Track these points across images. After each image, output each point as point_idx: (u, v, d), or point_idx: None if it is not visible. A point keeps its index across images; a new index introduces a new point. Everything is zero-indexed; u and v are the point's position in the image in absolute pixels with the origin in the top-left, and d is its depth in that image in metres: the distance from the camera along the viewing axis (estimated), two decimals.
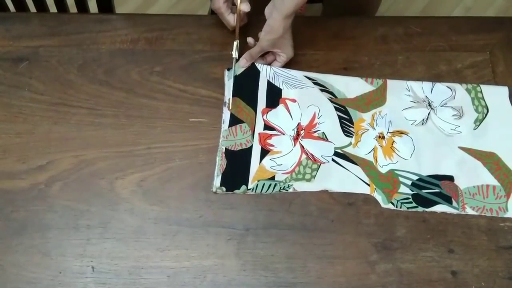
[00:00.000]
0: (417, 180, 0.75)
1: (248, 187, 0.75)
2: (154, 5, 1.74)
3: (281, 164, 0.76)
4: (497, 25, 0.90)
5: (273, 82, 0.82)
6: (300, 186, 0.75)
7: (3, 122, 0.80)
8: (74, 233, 0.72)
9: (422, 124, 0.79)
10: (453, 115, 0.80)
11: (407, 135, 0.79)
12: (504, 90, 0.82)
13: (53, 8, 1.10)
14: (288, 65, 0.84)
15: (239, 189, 0.75)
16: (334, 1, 1.15)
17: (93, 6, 1.10)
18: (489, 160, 0.76)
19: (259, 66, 0.83)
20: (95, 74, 0.84)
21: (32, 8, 1.08)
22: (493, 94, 0.82)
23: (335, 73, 0.84)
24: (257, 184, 0.75)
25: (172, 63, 0.85)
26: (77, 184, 0.75)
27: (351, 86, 0.83)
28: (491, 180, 0.75)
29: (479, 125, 0.79)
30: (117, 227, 0.73)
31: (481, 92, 0.82)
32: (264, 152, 0.77)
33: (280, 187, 0.75)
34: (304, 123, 0.80)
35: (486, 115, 0.80)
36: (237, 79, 0.82)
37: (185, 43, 0.87)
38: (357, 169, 0.76)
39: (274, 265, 0.70)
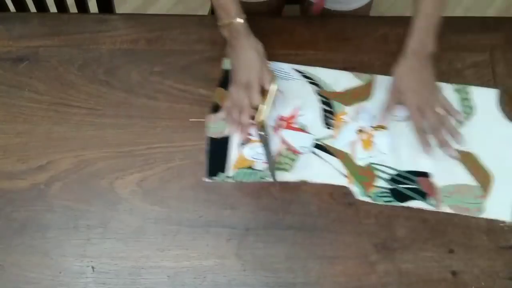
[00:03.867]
0: (396, 175, 0.76)
1: (228, 175, 0.75)
2: (154, 5, 1.74)
3: (261, 154, 0.77)
4: (497, 25, 0.90)
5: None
6: (279, 176, 0.75)
7: (3, 122, 0.80)
8: (74, 233, 0.72)
9: (405, 120, 0.79)
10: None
11: (388, 130, 0.79)
12: (493, 92, 0.82)
13: (53, 8, 1.10)
14: (281, 59, 0.84)
15: (218, 176, 0.75)
16: None
17: (93, 6, 1.09)
18: (467, 160, 0.76)
19: None
20: (95, 74, 0.84)
21: (32, 8, 1.08)
22: (482, 96, 0.81)
23: None
24: (237, 172, 0.76)
25: (172, 63, 0.85)
26: (77, 184, 0.75)
27: (340, 80, 0.83)
28: (469, 180, 0.75)
29: (463, 126, 0.79)
30: (117, 227, 0.72)
31: (470, 93, 0.82)
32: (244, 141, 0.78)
33: (260, 176, 0.75)
34: (286, 114, 0.80)
35: (471, 116, 0.80)
36: (226, 72, 0.83)
37: (185, 43, 0.87)
38: (335, 161, 0.77)
39: (274, 265, 0.70)
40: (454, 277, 0.69)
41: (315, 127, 0.79)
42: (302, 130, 0.79)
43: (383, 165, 0.76)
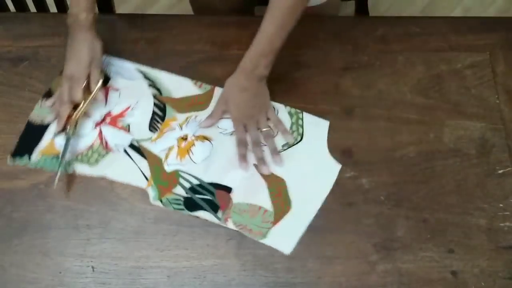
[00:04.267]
0: (197, 185, 0.75)
1: (31, 160, 0.76)
2: (154, 5, 1.74)
3: (71, 145, 0.77)
4: (497, 25, 0.90)
5: (105, 71, 0.83)
6: (82, 169, 0.76)
7: (3, 122, 0.80)
8: (74, 233, 0.72)
9: (231, 134, 0.79)
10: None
11: (210, 141, 0.78)
12: (325, 123, 0.79)
13: (53, 8, 1.10)
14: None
15: (22, 159, 0.76)
16: None
17: None
18: (275, 184, 0.75)
19: None
20: None
21: (32, 8, 1.08)
22: (313, 124, 0.79)
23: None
24: (40, 159, 0.76)
25: (172, 63, 0.85)
26: (77, 184, 0.75)
27: (179, 87, 0.83)
28: (266, 204, 0.74)
29: (286, 150, 0.78)
30: (117, 227, 0.73)
31: (302, 119, 0.80)
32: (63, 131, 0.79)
33: (62, 166, 0.75)
34: (115, 111, 0.80)
35: (298, 142, 0.78)
36: None
37: (185, 43, 0.87)
38: (143, 163, 0.76)
39: (274, 265, 0.70)
40: (454, 277, 0.69)
41: (139, 128, 0.79)
42: (124, 129, 0.79)
43: (189, 174, 0.75)
